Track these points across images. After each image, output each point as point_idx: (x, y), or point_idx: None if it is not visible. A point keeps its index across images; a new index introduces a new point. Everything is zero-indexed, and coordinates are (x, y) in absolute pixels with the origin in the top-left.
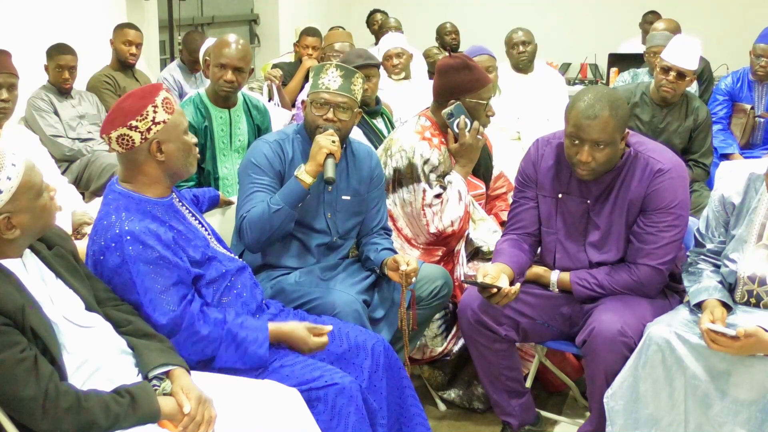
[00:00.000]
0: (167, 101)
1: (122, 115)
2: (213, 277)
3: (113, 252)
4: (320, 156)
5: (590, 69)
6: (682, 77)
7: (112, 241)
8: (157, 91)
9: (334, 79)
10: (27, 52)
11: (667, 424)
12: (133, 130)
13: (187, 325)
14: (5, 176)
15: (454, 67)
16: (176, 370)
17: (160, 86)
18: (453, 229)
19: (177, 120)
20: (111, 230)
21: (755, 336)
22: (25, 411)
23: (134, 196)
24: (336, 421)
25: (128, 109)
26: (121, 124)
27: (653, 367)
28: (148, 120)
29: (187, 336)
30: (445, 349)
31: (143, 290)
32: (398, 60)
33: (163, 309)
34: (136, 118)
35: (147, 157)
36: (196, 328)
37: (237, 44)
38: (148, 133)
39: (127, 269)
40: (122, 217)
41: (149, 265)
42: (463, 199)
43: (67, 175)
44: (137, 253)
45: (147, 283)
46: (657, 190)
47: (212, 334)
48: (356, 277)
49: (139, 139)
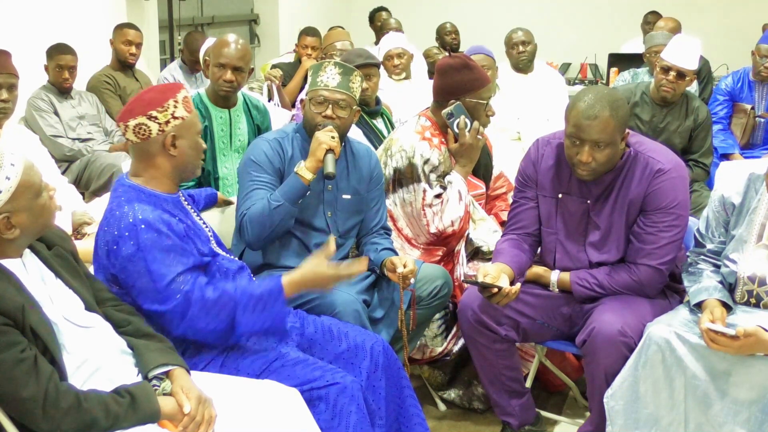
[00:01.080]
0: (187, 100)
1: (143, 105)
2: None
3: (127, 241)
4: (320, 152)
5: (590, 69)
6: (682, 77)
7: (126, 230)
8: (178, 89)
9: (333, 76)
10: (27, 52)
11: (667, 424)
12: (152, 120)
13: (197, 297)
14: (4, 176)
15: (454, 66)
16: (176, 370)
17: (180, 86)
18: (453, 229)
19: (193, 120)
20: (124, 219)
21: (755, 335)
22: (24, 411)
23: (144, 190)
24: (337, 421)
25: (150, 100)
26: (141, 113)
27: (653, 366)
28: (168, 113)
29: (200, 307)
30: (445, 349)
31: (159, 276)
32: (399, 60)
33: (176, 291)
34: (157, 108)
35: (160, 150)
36: (206, 295)
37: (236, 44)
38: (166, 126)
39: (142, 257)
40: (135, 207)
41: (164, 252)
42: (464, 199)
43: (67, 175)
44: (152, 240)
45: (163, 269)
46: (657, 190)
47: (223, 297)
48: (356, 277)
49: (157, 130)
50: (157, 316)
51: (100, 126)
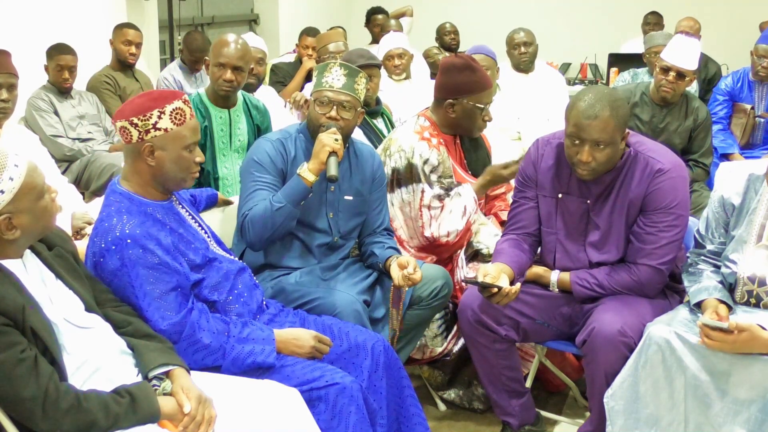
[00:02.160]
0: (178, 112)
1: (130, 109)
2: (216, 280)
3: (113, 255)
4: (323, 154)
5: (590, 69)
6: (682, 77)
7: (113, 243)
8: (172, 99)
9: (338, 77)
10: (27, 52)
11: (667, 424)
12: (133, 127)
13: (187, 333)
14: (8, 177)
15: (456, 66)
16: (176, 370)
17: (179, 95)
18: (448, 240)
19: (181, 133)
20: (111, 233)
21: (749, 331)
22: (25, 411)
23: (134, 197)
24: (337, 421)
25: (137, 105)
26: (125, 117)
27: (653, 367)
28: (149, 122)
29: (187, 345)
30: (445, 349)
31: (142, 294)
32: (399, 60)
33: (162, 314)
34: (139, 116)
35: (139, 157)
36: (197, 336)
37: (236, 44)
38: (146, 135)
39: (126, 272)
40: (123, 219)
41: (149, 270)
42: (467, 215)
43: (67, 175)
44: (137, 257)
45: (146, 287)
46: (657, 190)
47: (213, 344)
48: (357, 277)
49: (137, 137)
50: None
51: (100, 126)
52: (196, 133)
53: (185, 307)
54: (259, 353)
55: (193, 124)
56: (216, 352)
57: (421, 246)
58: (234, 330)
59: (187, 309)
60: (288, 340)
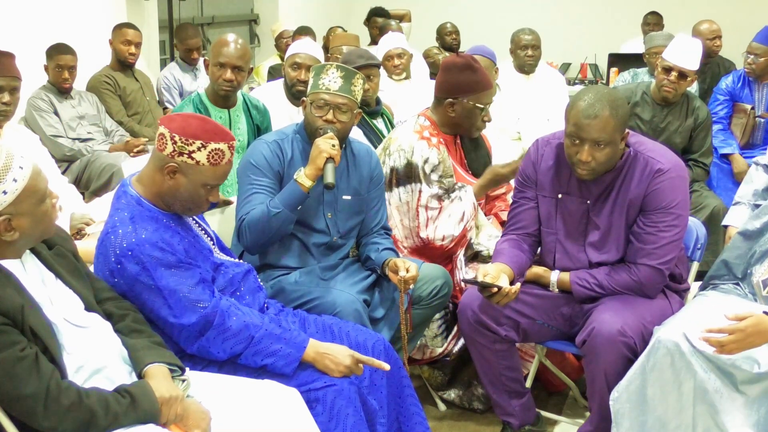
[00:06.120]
0: (218, 153)
1: (180, 125)
2: (222, 285)
3: (131, 260)
4: (320, 160)
5: (590, 69)
6: (684, 77)
7: (128, 249)
8: (219, 139)
9: (335, 80)
10: (27, 52)
11: (675, 428)
12: (173, 142)
13: (218, 321)
14: (11, 178)
15: (457, 65)
16: (150, 368)
17: (230, 138)
18: (442, 244)
19: (209, 173)
20: (126, 238)
21: (752, 317)
22: (26, 409)
23: (144, 203)
24: (334, 423)
25: (188, 126)
26: (171, 129)
27: (662, 370)
28: (187, 148)
29: (217, 333)
30: (445, 349)
31: (169, 293)
32: (399, 60)
33: (192, 308)
34: (183, 138)
35: (162, 169)
36: (227, 324)
37: (236, 43)
38: (178, 156)
39: (149, 275)
40: (136, 225)
41: (171, 269)
42: (465, 222)
43: (67, 175)
44: (156, 258)
45: (172, 284)
46: (657, 190)
47: (242, 333)
48: (356, 277)
49: (169, 152)
50: (175, 329)
51: (100, 126)
52: (223, 178)
53: (213, 297)
54: (283, 356)
55: (225, 170)
56: (243, 341)
57: (415, 247)
58: (269, 325)
59: (217, 297)
60: (324, 354)
